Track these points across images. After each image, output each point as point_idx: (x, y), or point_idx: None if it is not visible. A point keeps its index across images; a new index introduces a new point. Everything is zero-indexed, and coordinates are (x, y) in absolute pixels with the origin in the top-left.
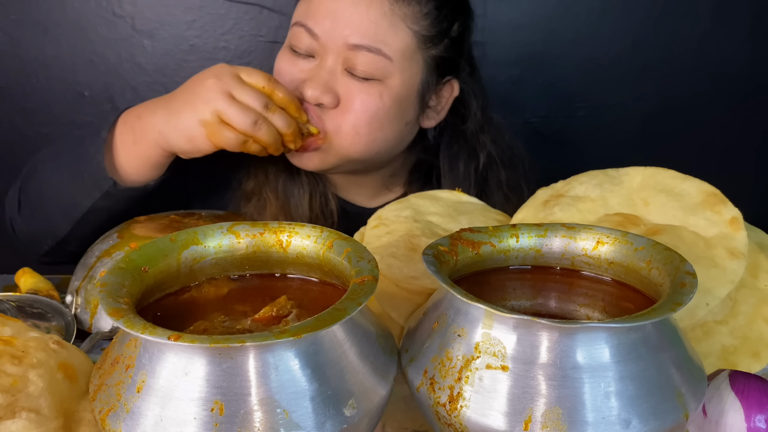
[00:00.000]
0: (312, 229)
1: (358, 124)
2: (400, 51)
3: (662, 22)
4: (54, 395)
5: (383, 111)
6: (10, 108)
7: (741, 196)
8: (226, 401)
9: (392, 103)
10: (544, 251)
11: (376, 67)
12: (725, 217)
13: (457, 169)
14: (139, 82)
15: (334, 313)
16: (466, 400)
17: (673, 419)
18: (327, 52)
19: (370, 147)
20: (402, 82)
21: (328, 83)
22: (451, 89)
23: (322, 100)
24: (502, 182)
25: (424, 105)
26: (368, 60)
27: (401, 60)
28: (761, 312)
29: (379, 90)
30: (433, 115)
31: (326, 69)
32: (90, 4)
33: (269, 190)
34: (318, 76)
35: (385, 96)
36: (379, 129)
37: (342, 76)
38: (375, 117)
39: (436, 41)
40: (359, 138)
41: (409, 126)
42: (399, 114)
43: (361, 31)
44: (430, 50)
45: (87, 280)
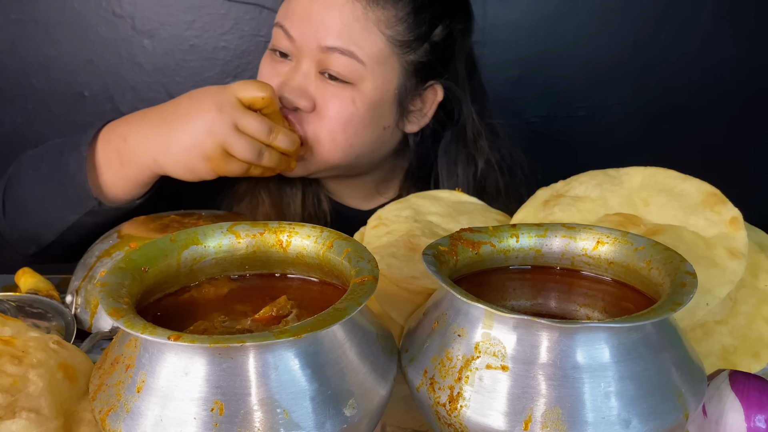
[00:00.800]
0: (312, 229)
1: (334, 131)
2: (373, 56)
3: (662, 22)
4: (54, 395)
5: (357, 116)
6: (10, 108)
7: (741, 196)
8: (226, 401)
9: (366, 108)
10: (544, 251)
11: (349, 70)
12: (725, 217)
13: (456, 175)
14: (139, 82)
15: (334, 313)
16: (466, 400)
17: (673, 419)
18: (302, 55)
19: (348, 153)
20: (375, 87)
21: (302, 86)
22: (434, 93)
23: (298, 104)
24: (500, 189)
25: (404, 110)
26: (341, 62)
27: (374, 65)
28: (761, 312)
29: (351, 95)
30: (415, 119)
31: (301, 72)
32: (90, 4)
33: (262, 190)
34: (293, 80)
35: (358, 101)
36: (355, 135)
37: (316, 80)
38: (349, 122)
39: (414, 46)
40: (336, 144)
41: (388, 131)
42: (374, 119)
43: (334, 34)
44: (408, 55)
45: (87, 280)
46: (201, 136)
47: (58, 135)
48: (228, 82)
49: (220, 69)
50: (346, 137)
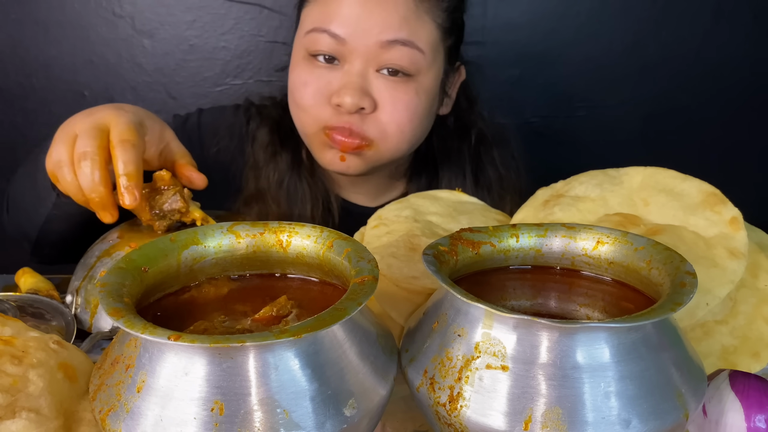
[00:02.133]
0: (312, 229)
1: (402, 124)
2: (430, 44)
3: (662, 22)
4: (54, 395)
5: (421, 107)
6: (11, 108)
7: (741, 196)
8: (226, 401)
9: (426, 97)
10: (544, 251)
11: (411, 62)
12: (725, 217)
13: (451, 150)
14: (139, 82)
15: (334, 313)
16: (466, 400)
17: (673, 419)
18: (355, 56)
19: (412, 143)
20: (433, 75)
21: (362, 87)
22: (459, 74)
23: (362, 104)
24: (494, 158)
25: (444, 95)
26: (402, 55)
27: (431, 53)
28: (761, 312)
29: (414, 87)
30: (448, 101)
31: (356, 73)
32: (90, 4)
33: (270, 199)
34: (351, 82)
35: (421, 92)
36: (420, 125)
37: (375, 79)
38: (415, 114)
39: (452, 32)
40: (404, 137)
41: (433, 116)
42: (431, 107)
43: (394, 27)
44: (448, 41)
45: (87, 280)
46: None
47: None
48: (228, 82)
49: (220, 69)
50: (412, 127)
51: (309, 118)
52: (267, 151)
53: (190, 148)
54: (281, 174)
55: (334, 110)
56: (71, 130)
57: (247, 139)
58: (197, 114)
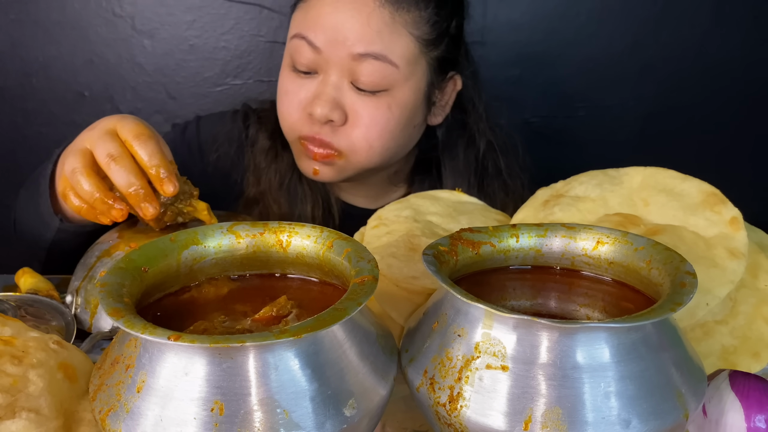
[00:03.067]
0: (312, 229)
1: (370, 138)
2: (405, 58)
3: (662, 22)
4: (54, 395)
5: (393, 122)
6: (10, 108)
7: (741, 196)
8: (226, 401)
9: (401, 112)
10: (544, 251)
11: (383, 76)
12: (725, 217)
13: (458, 158)
14: (139, 82)
15: (334, 313)
16: (466, 400)
17: (673, 419)
18: (330, 66)
19: (385, 156)
20: (409, 89)
21: (335, 99)
22: (454, 84)
23: (332, 117)
24: (501, 169)
25: (431, 105)
26: (374, 69)
27: (406, 66)
28: (761, 312)
29: (387, 102)
30: (439, 111)
31: (331, 84)
32: (90, 4)
33: (271, 201)
34: (324, 93)
35: (394, 107)
36: (391, 139)
37: (348, 91)
38: (386, 129)
39: (437, 43)
40: (373, 151)
41: (417, 127)
42: (408, 120)
43: (365, 40)
44: (432, 52)
45: (87, 280)
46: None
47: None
48: (228, 82)
49: (220, 69)
50: (382, 143)
51: (287, 126)
52: (268, 155)
53: (189, 156)
54: (282, 176)
55: (307, 120)
56: (80, 146)
57: (246, 144)
58: (195, 122)
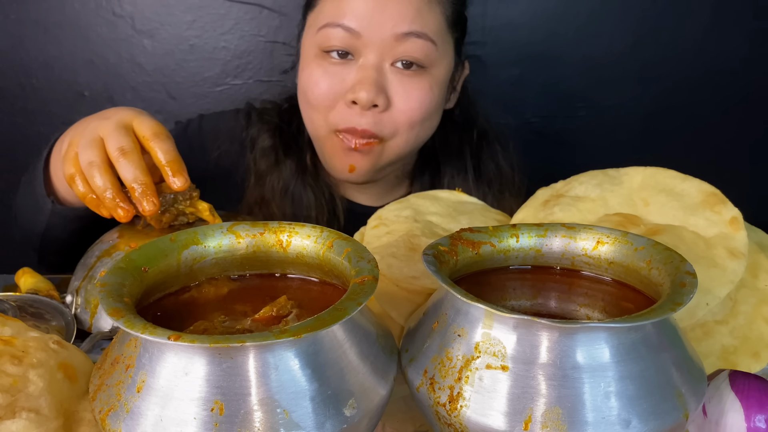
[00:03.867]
0: (312, 229)
1: (413, 120)
2: (441, 36)
3: (662, 22)
4: (54, 395)
5: (435, 101)
6: (10, 108)
7: (741, 196)
8: (226, 401)
9: (439, 91)
10: (544, 251)
11: (425, 54)
12: (725, 217)
13: (453, 144)
14: (139, 82)
15: (334, 313)
16: (466, 400)
17: (673, 419)
18: (370, 49)
19: (420, 139)
20: (444, 68)
21: (378, 83)
22: (463, 69)
23: (377, 101)
24: (496, 153)
25: (451, 89)
26: (417, 47)
27: (442, 44)
28: (761, 312)
29: (429, 81)
30: (453, 97)
31: (372, 68)
32: (90, 4)
33: (275, 206)
34: (367, 77)
35: (434, 86)
36: (430, 119)
37: (390, 73)
38: (428, 110)
39: (458, 24)
40: (413, 132)
41: (441, 111)
42: (441, 101)
43: (408, 19)
44: (455, 33)
45: (87, 280)
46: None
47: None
48: (228, 82)
49: (220, 69)
50: (422, 124)
51: (321, 118)
52: (270, 158)
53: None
54: (286, 182)
55: (346, 109)
56: (94, 134)
57: (247, 144)
58: (198, 119)
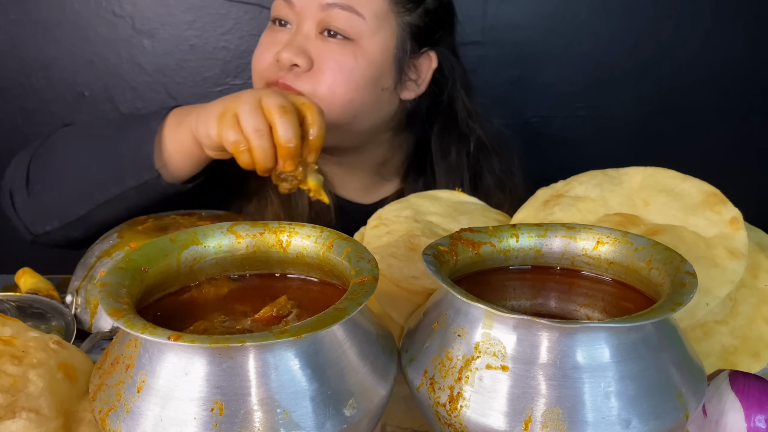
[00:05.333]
0: (312, 229)
1: (333, 83)
2: (373, 11)
3: (662, 22)
4: (54, 395)
5: (358, 72)
6: (10, 108)
7: (741, 196)
8: (226, 401)
9: (367, 65)
10: (544, 251)
11: (350, 25)
12: (725, 217)
13: (450, 156)
14: (139, 82)
15: (334, 313)
16: (466, 400)
17: (673, 419)
18: (302, 19)
19: (347, 108)
20: (376, 44)
21: (302, 46)
22: (429, 61)
23: (296, 61)
24: (494, 167)
25: (402, 73)
26: (341, 17)
27: (374, 20)
28: (761, 312)
29: (352, 50)
30: (413, 86)
31: (302, 35)
32: (90, 4)
33: (270, 189)
34: (293, 41)
35: (359, 57)
36: (355, 89)
37: (316, 40)
38: (350, 77)
39: (410, 7)
40: (335, 98)
41: (386, 93)
42: (374, 78)
43: None
44: (404, 16)
45: (87, 280)
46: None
47: None
48: (228, 82)
49: (220, 69)
50: (345, 91)
51: (256, 74)
52: None
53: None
54: None
55: (275, 66)
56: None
57: None
58: None
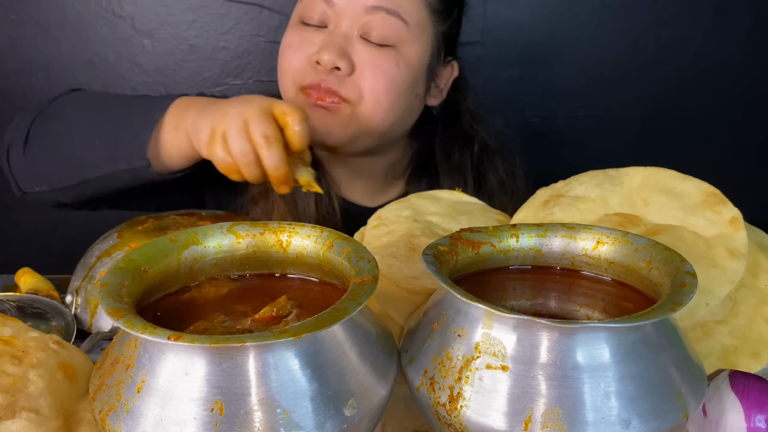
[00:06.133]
0: (312, 229)
1: (377, 90)
2: (416, 18)
3: (662, 22)
4: (54, 395)
5: (399, 78)
6: (10, 108)
7: (741, 196)
8: (226, 401)
9: (407, 71)
10: (544, 251)
11: (393, 31)
12: (725, 217)
13: (453, 157)
14: (139, 82)
15: (334, 313)
16: (466, 400)
17: (673, 419)
18: (342, 19)
19: (389, 116)
20: (416, 51)
21: (343, 48)
22: (451, 69)
23: (339, 64)
24: (498, 169)
25: (431, 81)
26: (386, 23)
27: (416, 27)
28: (761, 312)
29: (395, 57)
30: (437, 93)
31: (340, 35)
32: (90, 4)
33: (277, 195)
34: (333, 42)
35: (401, 63)
36: (397, 97)
37: (357, 43)
38: (392, 84)
39: (445, 17)
40: (379, 105)
41: (418, 99)
42: (412, 84)
43: None
44: (439, 25)
45: (87, 280)
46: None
47: None
48: (228, 82)
49: (220, 69)
50: (389, 98)
51: (288, 78)
52: None
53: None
54: None
55: (312, 69)
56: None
57: None
58: None
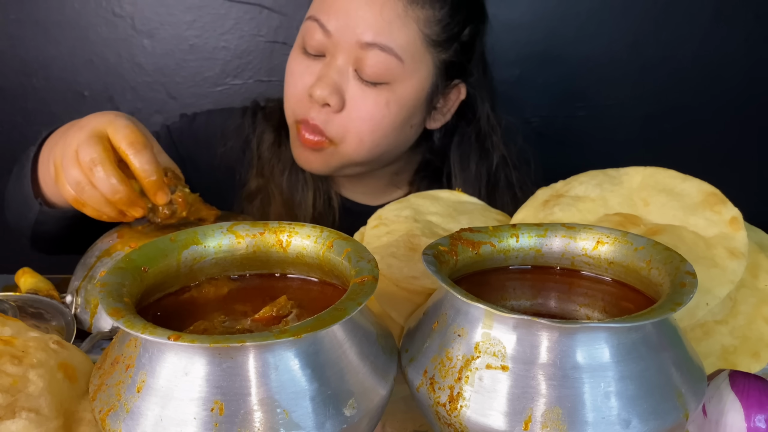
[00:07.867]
0: (312, 229)
1: (361, 132)
2: (410, 53)
3: (662, 22)
4: (54, 395)
5: (388, 119)
6: (10, 108)
7: (741, 196)
8: (226, 401)
9: (398, 110)
10: (544, 251)
11: (387, 69)
12: (725, 217)
13: (469, 170)
14: (139, 82)
15: (334, 313)
16: (466, 400)
17: (673, 419)
18: (338, 51)
19: (374, 153)
20: (411, 87)
21: (336, 84)
22: (458, 92)
23: (329, 101)
24: (512, 182)
25: (431, 108)
26: (379, 60)
27: (411, 62)
28: (761, 312)
29: (386, 97)
30: (439, 117)
31: (336, 69)
32: (90, 4)
33: (274, 188)
34: (327, 76)
35: (392, 103)
36: (383, 136)
37: (352, 79)
38: (379, 125)
39: (446, 46)
40: (363, 145)
41: (414, 128)
42: (405, 120)
43: (374, 29)
44: (440, 54)
45: (87, 280)
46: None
47: None
48: (228, 82)
49: (220, 69)
50: (373, 138)
51: (288, 108)
52: (272, 147)
53: (195, 147)
54: (285, 164)
55: (306, 102)
56: (71, 150)
57: (253, 139)
58: (206, 114)
